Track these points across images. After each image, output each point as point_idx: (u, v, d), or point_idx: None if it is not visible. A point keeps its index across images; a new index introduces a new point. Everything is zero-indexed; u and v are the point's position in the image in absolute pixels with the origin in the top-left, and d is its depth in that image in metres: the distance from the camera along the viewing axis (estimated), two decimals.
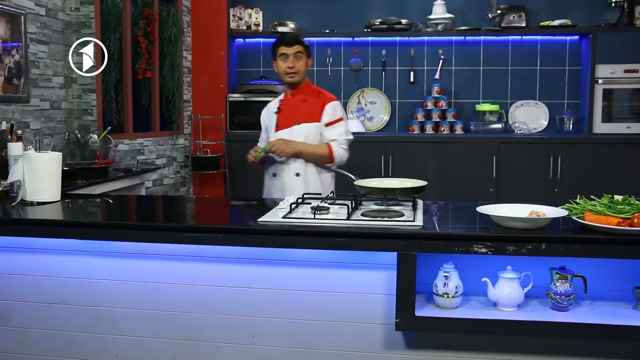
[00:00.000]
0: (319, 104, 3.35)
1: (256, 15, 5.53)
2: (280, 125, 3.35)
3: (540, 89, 5.44)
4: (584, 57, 5.31)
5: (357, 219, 2.41)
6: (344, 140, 3.34)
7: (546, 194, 4.99)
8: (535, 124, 5.40)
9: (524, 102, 5.44)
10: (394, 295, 2.33)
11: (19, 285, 2.61)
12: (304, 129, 3.31)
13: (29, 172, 2.78)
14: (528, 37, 5.38)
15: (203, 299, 2.47)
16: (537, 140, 5.11)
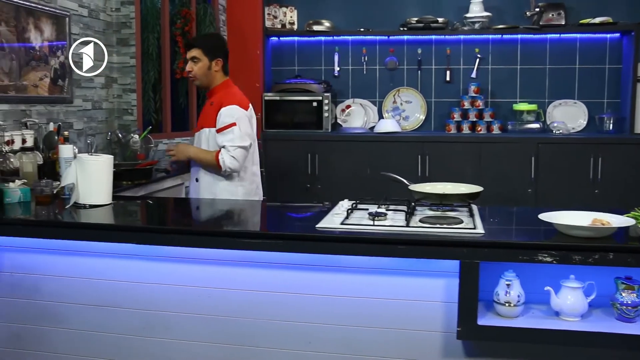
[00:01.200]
0: (216, 107, 3.22)
1: (291, 14, 5.51)
2: (195, 129, 3.41)
3: (579, 87, 5.36)
4: (625, 55, 5.22)
5: (417, 225, 2.38)
6: (233, 147, 3.14)
7: (586, 195, 4.92)
8: (574, 124, 5.33)
9: (562, 101, 5.36)
10: (453, 303, 2.32)
11: (71, 287, 2.62)
12: (205, 133, 3.26)
13: (81, 175, 2.78)
14: (567, 35, 5.30)
15: (258, 305, 2.46)
16: (577, 141, 5.04)
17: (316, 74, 5.64)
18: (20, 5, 3.41)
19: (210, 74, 3.26)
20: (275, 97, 5.34)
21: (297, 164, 5.29)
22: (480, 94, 5.35)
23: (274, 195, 5.31)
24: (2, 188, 2.84)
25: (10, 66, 3.37)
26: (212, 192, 3.26)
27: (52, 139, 3.46)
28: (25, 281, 2.68)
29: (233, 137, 3.15)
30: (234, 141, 3.14)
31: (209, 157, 3.20)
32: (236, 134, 3.15)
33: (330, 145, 5.26)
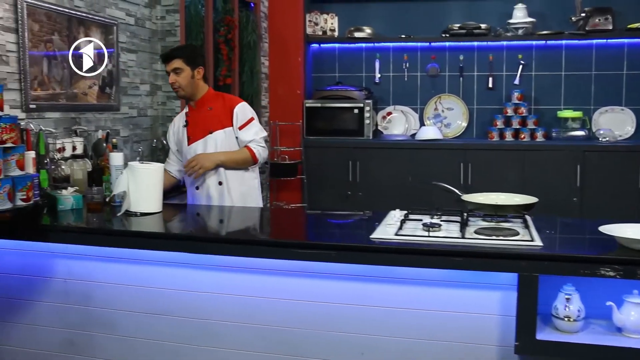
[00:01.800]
0: (226, 108, 3.30)
1: (332, 21, 5.51)
2: (191, 138, 3.31)
3: (626, 94, 5.25)
4: None
5: (472, 237, 2.34)
6: (260, 139, 3.31)
7: (633, 204, 4.81)
8: (621, 131, 5.21)
9: (608, 108, 5.25)
10: (510, 317, 2.27)
11: (123, 294, 2.64)
12: (216, 136, 3.27)
13: (133, 182, 2.81)
14: (614, 41, 5.19)
15: (310, 315, 2.45)
16: (624, 148, 4.93)
17: (357, 80, 5.62)
18: (72, 15, 3.46)
19: (194, 82, 3.27)
20: (316, 104, 5.34)
21: (337, 171, 5.27)
22: (524, 100, 5.28)
23: (314, 203, 5.32)
24: (55, 195, 2.88)
25: (62, 75, 3.42)
26: (243, 189, 3.34)
27: (100, 147, 3.50)
28: (78, 288, 2.71)
29: (256, 129, 3.30)
30: (258, 133, 3.30)
31: (243, 155, 3.27)
32: (257, 126, 3.33)
33: (371, 152, 5.24)
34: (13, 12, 3.05)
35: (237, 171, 3.32)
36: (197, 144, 3.29)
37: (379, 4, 5.56)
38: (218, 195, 3.30)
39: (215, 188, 3.31)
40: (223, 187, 3.30)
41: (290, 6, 5.31)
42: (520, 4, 5.12)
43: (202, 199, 3.33)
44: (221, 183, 3.30)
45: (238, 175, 3.33)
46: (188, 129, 3.33)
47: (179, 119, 3.41)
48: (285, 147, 5.37)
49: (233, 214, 3.12)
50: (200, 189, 3.32)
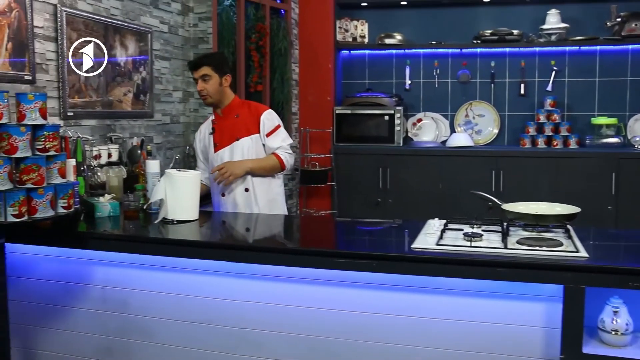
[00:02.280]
0: (252, 115, 3.32)
1: (362, 27, 5.49)
2: (218, 145, 3.30)
3: None
4: None
5: (516, 247, 2.30)
6: (287, 146, 3.33)
7: None
8: None
9: None
10: (555, 329, 2.23)
11: (161, 302, 2.64)
12: (243, 143, 3.26)
13: (170, 190, 2.82)
14: None
15: (350, 325, 2.42)
16: None
17: (387, 87, 5.60)
18: (109, 23, 3.49)
19: (222, 90, 3.27)
20: (346, 111, 5.32)
21: (367, 178, 5.24)
22: (556, 107, 5.20)
23: (344, 210, 5.29)
24: (92, 202, 2.90)
25: (99, 82, 3.45)
26: (270, 196, 3.34)
27: (135, 154, 3.52)
28: (115, 295, 2.72)
29: (283, 137, 3.33)
30: (285, 140, 3.33)
31: (271, 162, 3.27)
32: (284, 133, 3.35)
33: (401, 159, 5.20)
34: (53, 22, 3.09)
35: (263, 178, 3.32)
36: (223, 151, 3.29)
37: (409, 10, 5.53)
38: (244, 203, 3.29)
39: (242, 195, 3.30)
40: (250, 194, 3.30)
41: (321, 13, 5.30)
42: (553, 10, 5.05)
43: (227, 206, 3.33)
44: (247, 190, 3.29)
45: (265, 183, 3.32)
46: (215, 136, 3.33)
47: (206, 126, 3.41)
48: (315, 153, 5.34)
49: (268, 221, 3.11)
50: (227, 195, 3.31)
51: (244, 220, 3.11)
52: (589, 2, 5.18)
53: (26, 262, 2.80)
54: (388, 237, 2.82)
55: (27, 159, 2.27)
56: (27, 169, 2.27)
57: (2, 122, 2.23)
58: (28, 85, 2.94)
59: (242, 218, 3.17)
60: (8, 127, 2.23)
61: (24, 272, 2.80)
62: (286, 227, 3.03)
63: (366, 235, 2.90)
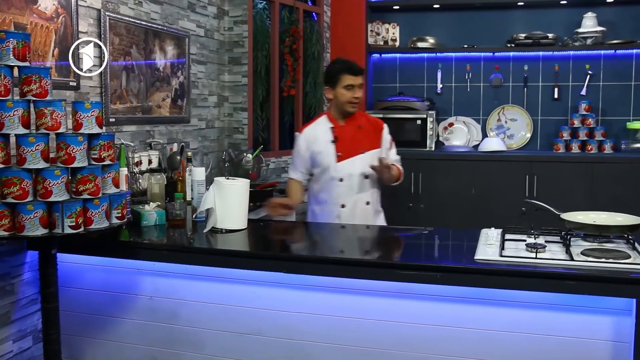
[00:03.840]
0: (373, 129, 3.31)
1: (393, 31, 5.43)
2: (342, 155, 3.19)
3: None
4: None
5: (582, 259, 2.24)
6: (399, 159, 3.41)
7: None
8: None
9: None
10: (624, 343, 2.17)
11: (213, 313, 2.60)
12: (367, 157, 3.20)
13: (219, 199, 2.77)
14: None
15: (408, 337, 2.37)
16: None
17: (418, 91, 5.53)
18: (149, 28, 3.45)
19: None
20: (378, 115, 5.24)
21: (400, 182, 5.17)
22: (591, 112, 5.13)
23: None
24: (138, 211, 2.86)
25: (139, 88, 3.41)
26: (377, 208, 3.38)
27: (174, 160, 3.48)
28: (164, 305, 2.68)
29: (395, 150, 3.41)
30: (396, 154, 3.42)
31: (396, 172, 3.29)
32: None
33: (433, 164, 5.13)
34: (97, 27, 3.05)
35: (378, 191, 3.33)
36: (346, 162, 3.19)
37: (441, 14, 5.47)
38: (362, 215, 3.23)
39: (363, 207, 3.24)
40: (369, 207, 3.26)
41: (353, 16, 5.24)
42: (590, 13, 4.97)
43: (342, 217, 3.21)
44: (368, 203, 3.25)
45: (378, 196, 3.34)
46: (337, 146, 3.20)
47: (320, 132, 3.24)
48: None
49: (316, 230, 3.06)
50: (347, 207, 3.21)
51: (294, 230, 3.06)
52: (626, 5, 5.09)
53: (74, 272, 2.76)
54: (444, 248, 2.76)
55: (84, 169, 2.23)
56: (84, 179, 2.22)
57: (60, 131, 2.19)
58: (72, 92, 2.90)
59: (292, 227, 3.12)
60: (66, 137, 2.19)
61: (72, 282, 2.76)
62: (332, 235, 2.97)
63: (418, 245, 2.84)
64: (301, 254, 2.57)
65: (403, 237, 3.05)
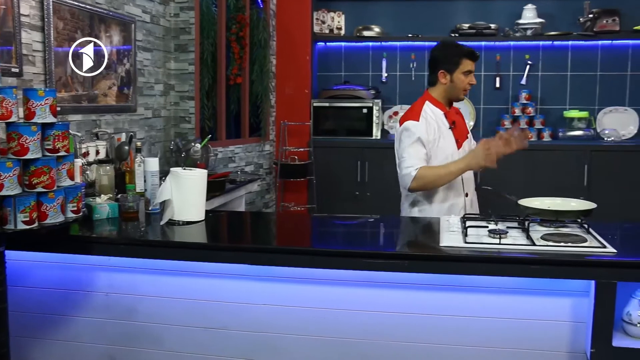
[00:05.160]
0: (462, 115, 3.22)
1: (338, 19, 5.42)
2: (459, 141, 3.08)
3: (630, 94, 5.31)
4: None
5: (544, 244, 2.30)
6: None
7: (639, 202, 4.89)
8: (624, 131, 5.28)
9: (612, 108, 5.31)
10: (581, 323, 2.25)
11: (174, 308, 2.51)
12: (469, 141, 3.18)
13: (176, 190, 2.68)
14: (619, 42, 5.25)
15: (375, 326, 2.37)
16: (629, 148, 4.99)
17: (363, 79, 5.56)
18: (94, 12, 3.30)
19: None
20: (324, 104, 5.25)
21: (345, 171, 5.20)
22: (531, 100, 5.29)
23: (322, 204, 5.23)
24: (90, 204, 2.74)
25: (84, 75, 3.26)
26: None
27: (122, 150, 3.35)
28: (121, 301, 2.57)
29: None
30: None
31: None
32: None
33: (380, 152, 5.17)
34: (39, 10, 2.89)
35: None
36: (463, 148, 3.08)
37: (386, 3, 5.50)
38: (476, 203, 3.16)
39: (475, 195, 3.19)
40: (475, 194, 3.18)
41: (299, 4, 5.20)
42: (530, 5, 5.13)
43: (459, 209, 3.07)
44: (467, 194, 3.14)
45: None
46: (454, 132, 3.07)
47: (438, 118, 3.04)
48: (294, 147, 5.25)
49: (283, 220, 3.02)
50: (469, 195, 3.12)
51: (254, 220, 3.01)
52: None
53: (23, 270, 2.61)
54: (407, 236, 2.78)
55: (37, 160, 2.10)
56: (38, 171, 2.10)
57: (11, 120, 2.06)
58: (15, 78, 2.74)
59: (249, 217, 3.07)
60: (18, 126, 2.06)
61: (21, 280, 2.61)
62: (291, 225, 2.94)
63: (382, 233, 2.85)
64: (266, 245, 2.53)
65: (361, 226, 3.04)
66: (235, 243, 2.64)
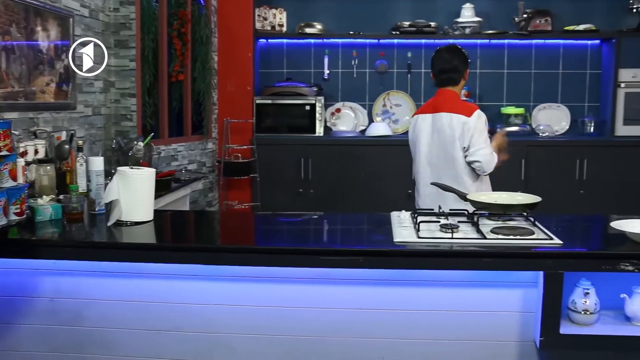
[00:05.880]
0: None
1: (280, 16, 5.39)
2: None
3: (562, 92, 5.53)
4: (604, 61, 5.43)
5: (494, 237, 2.36)
6: None
7: (572, 195, 5.09)
8: (557, 126, 5.49)
9: (546, 105, 5.52)
10: (531, 313, 2.33)
11: (124, 311, 2.45)
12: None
13: (124, 190, 2.60)
14: (551, 41, 5.45)
15: (330, 323, 2.38)
16: (563, 143, 5.20)
17: (305, 77, 5.55)
18: (30, 4, 3.16)
19: None
20: (267, 101, 5.21)
21: (289, 169, 5.19)
22: (470, 97, 5.42)
23: (265, 201, 5.20)
24: (32, 205, 2.62)
25: (21, 71, 3.12)
26: None
27: (63, 149, 3.23)
28: (67, 306, 2.48)
29: None
30: None
31: None
32: None
33: (323, 149, 5.19)
34: None
35: None
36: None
37: (328, 0, 5.51)
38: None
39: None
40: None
41: (240, 0, 5.14)
42: (468, 4, 5.25)
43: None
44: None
45: None
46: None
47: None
48: (237, 145, 5.18)
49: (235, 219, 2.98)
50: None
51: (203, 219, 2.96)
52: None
53: None
54: (359, 232, 2.79)
55: None
56: None
57: None
58: None
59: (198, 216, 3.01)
60: None
61: None
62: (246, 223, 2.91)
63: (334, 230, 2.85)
64: (219, 245, 2.49)
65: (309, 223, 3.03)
66: (186, 243, 2.59)
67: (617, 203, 5.07)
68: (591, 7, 5.43)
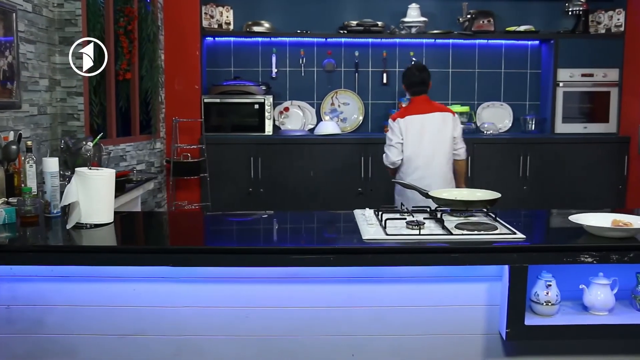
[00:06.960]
0: None
1: (227, 14, 5.31)
2: None
3: (504, 90, 5.70)
4: (544, 61, 5.63)
5: (460, 233, 2.41)
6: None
7: (516, 191, 5.26)
8: (501, 124, 5.66)
9: (490, 103, 5.67)
10: (496, 306, 2.40)
11: (87, 317, 2.37)
12: None
13: (83, 191, 2.51)
14: (493, 42, 5.61)
15: (299, 322, 2.38)
16: (507, 140, 5.36)
17: (253, 75, 5.50)
18: None
19: None
20: (215, 100, 5.13)
21: (238, 168, 5.13)
22: None
23: (215, 201, 5.12)
24: None
25: None
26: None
27: (10, 150, 3.08)
28: (25, 314, 2.38)
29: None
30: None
31: None
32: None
33: (272, 148, 5.16)
34: None
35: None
36: None
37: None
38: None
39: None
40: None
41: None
42: (414, 4, 5.33)
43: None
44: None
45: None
46: None
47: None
48: (185, 144, 5.08)
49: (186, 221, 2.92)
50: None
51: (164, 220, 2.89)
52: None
53: None
54: (323, 231, 2.79)
55: None
56: None
57: None
58: None
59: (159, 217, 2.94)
60: None
61: None
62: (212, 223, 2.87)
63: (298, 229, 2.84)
64: (187, 246, 2.43)
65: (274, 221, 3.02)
66: (151, 244, 2.52)
67: (559, 198, 5.28)
68: (531, 9, 5.63)
